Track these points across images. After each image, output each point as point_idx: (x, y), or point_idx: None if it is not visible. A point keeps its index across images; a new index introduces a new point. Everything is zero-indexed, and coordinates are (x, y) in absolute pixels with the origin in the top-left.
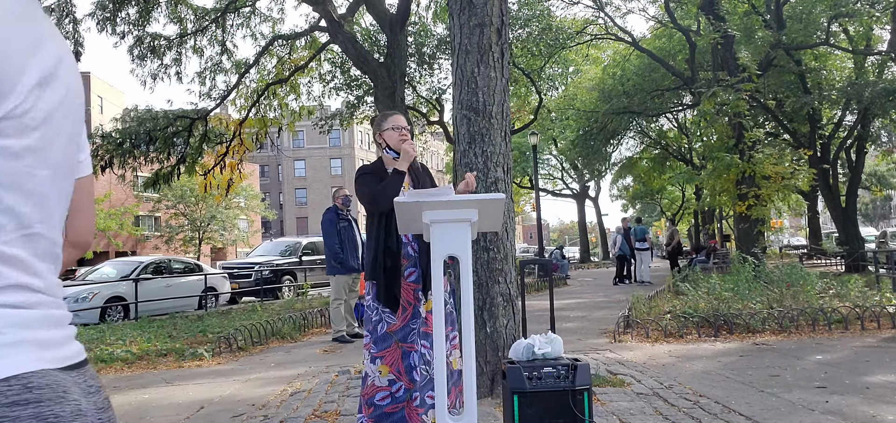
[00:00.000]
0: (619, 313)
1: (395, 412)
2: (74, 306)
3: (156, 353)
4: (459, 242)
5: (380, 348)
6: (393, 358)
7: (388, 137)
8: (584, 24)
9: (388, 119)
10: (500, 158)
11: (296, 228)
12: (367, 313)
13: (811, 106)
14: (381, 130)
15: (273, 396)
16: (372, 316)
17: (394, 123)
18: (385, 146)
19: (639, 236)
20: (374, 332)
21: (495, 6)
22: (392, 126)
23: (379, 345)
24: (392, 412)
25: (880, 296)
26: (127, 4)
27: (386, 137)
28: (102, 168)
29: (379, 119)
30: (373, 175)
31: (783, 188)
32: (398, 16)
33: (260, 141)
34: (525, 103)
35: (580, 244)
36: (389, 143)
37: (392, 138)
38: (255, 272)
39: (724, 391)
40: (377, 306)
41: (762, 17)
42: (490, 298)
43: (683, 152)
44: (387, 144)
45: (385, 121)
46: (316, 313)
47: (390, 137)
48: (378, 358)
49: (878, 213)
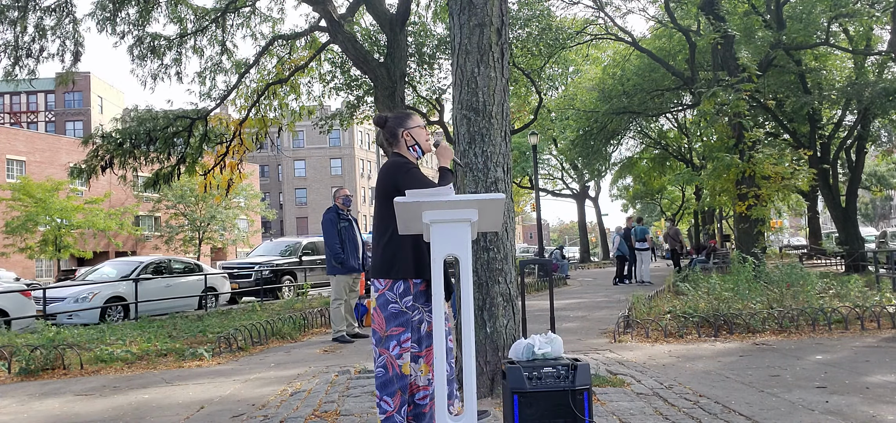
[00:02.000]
0: (619, 313)
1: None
2: (74, 306)
3: (156, 353)
4: (459, 242)
5: (423, 348)
6: (429, 357)
7: (417, 134)
8: (584, 24)
9: (413, 117)
10: (500, 158)
11: (296, 228)
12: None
13: (811, 106)
14: (406, 129)
15: (273, 396)
16: (413, 316)
17: (419, 122)
18: (412, 144)
19: (639, 235)
20: (417, 331)
21: (495, 6)
22: (419, 125)
23: (423, 344)
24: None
25: (880, 296)
26: (127, 4)
27: (415, 134)
28: (102, 168)
29: (401, 117)
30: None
31: (783, 188)
32: (398, 16)
33: (260, 141)
34: (525, 103)
35: (580, 244)
36: (418, 141)
37: (422, 137)
38: (255, 272)
39: (724, 391)
40: (419, 305)
41: (762, 17)
42: (490, 298)
43: (683, 152)
44: (415, 142)
45: (410, 119)
46: (316, 313)
47: (420, 135)
48: (421, 357)
49: (878, 213)
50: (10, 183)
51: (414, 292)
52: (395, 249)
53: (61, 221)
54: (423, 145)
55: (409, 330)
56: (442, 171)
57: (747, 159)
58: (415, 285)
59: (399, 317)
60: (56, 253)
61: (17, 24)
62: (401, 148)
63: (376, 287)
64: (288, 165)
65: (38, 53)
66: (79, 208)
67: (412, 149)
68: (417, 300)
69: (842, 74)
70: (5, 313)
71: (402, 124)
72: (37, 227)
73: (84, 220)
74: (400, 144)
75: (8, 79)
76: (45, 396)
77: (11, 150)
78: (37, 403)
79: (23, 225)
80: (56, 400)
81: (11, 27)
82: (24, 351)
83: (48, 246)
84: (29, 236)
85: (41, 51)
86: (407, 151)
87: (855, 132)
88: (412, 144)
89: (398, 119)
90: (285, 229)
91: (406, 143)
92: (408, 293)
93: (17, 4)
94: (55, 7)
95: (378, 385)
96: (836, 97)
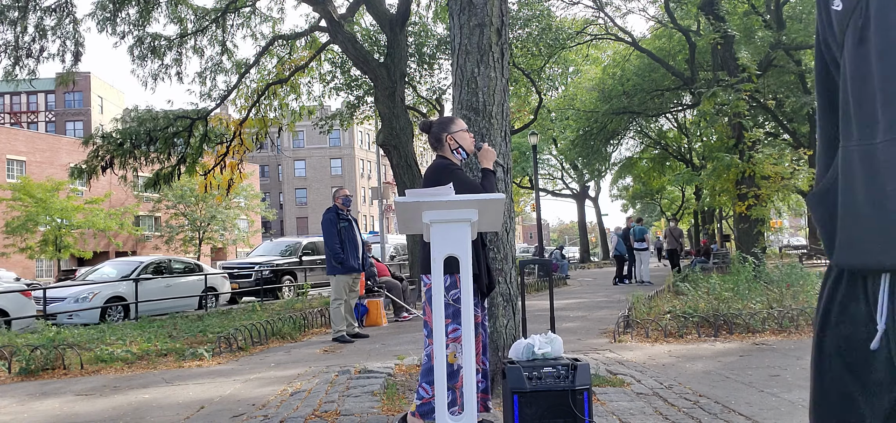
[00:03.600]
0: (619, 313)
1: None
2: (74, 306)
3: (156, 353)
4: (459, 242)
5: None
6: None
7: (461, 138)
8: (584, 24)
9: (456, 122)
10: (499, 158)
11: (296, 228)
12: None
13: (811, 106)
14: (450, 133)
15: (273, 396)
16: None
17: (463, 126)
18: (455, 147)
19: (638, 235)
20: None
21: (495, 6)
22: (463, 129)
23: None
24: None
25: None
26: (127, 4)
27: (459, 138)
28: (103, 168)
29: (445, 122)
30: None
31: (783, 188)
32: (398, 16)
33: (260, 141)
34: (525, 103)
35: (580, 244)
36: (462, 144)
37: (465, 140)
38: (255, 272)
39: (724, 391)
40: None
41: (762, 17)
42: (490, 298)
43: (683, 152)
44: (459, 145)
45: (453, 124)
46: (316, 313)
47: (464, 139)
48: None
49: None
50: (10, 183)
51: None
52: None
53: (61, 221)
54: (467, 148)
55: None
56: (484, 172)
57: (747, 159)
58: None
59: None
60: (56, 253)
61: (17, 24)
62: (445, 151)
63: (424, 282)
64: (288, 165)
65: (39, 53)
66: (79, 208)
67: (456, 151)
68: None
69: None
70: (5, 313)
71: (446, 129)
72: (37, 227)
73: (84, 220)
74: (444, 148)
75: (8, 79)
76: (45, 396)
77: (11, 150)
78: (37, 403)
79: (23, 225)
80: (56, 400)
81: (12, 27)
82: (24, 351)
83: (48, 246)
84: (29, 236)
85: (41, 51)
86: (451, 154)
87: None
88: (456, 147)
89: (442, 124)
90: (285, 229)
91: (450, 146)
92: (455, 287)
93: (18, 4)
94: (55, 7)
95: (423, 371)
96: None
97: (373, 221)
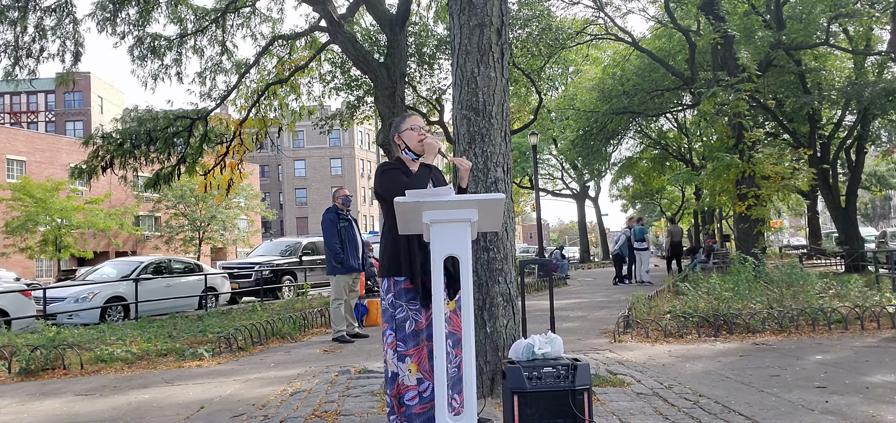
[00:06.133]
0: (619, 313)
1: (423, 412)
2: (74, 306)
3: (156, 353)
4: (459, 242)
5: (409, 346)
6: (420, 357)
7: (407, 137)
8: (584, 24)
9: (405, 121)
10: (500, 158)
11: (296, 228)
12: (388, 311)
13: (811, 106)
14: (398, 133)
15: (273, 396)
16: (396, 313)
17: (411, 124)
18: (404, 148)
19: (637, 236)
20: (400, 329)
21: (495, 6)
22: (410, 127)
23: (408, 343)
24: (421, 412)
25: (880, 296)
26: (127, 5)
27: (405, 138)
28: (103, 168)
29: (396, 122)
30: (398, 171)
31: (783, 188)
32: (398, 16)
33: (260, 141)
34: (525, 103)
35: (580, 244)
36: (408, 144)
37: (411, 139)
38: (255, 272)
39: (724, 391)
40: (402, 303)
41: (762, 17)
42: (490, 298)
43: (683, 152)
44: (406, 146)
45: (402, 122)
46: (316, 313)
47: (409, 137)
48: (407, 357)
49: (878, 213)
50: (10, 183)
51: (395, 291)
52: (384, 248)
53: (61, 221)
54: (413, 147)
55: (392, 328)
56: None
57: (747, 159)
58: (396, 284)
59: (384, 314)
60: (56, 253)
61: (17, 25)
62: (398, 153)
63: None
64: (288, 165)
65: (39, 54)
66: (79, 208)
67: (404, 151)
68: (399, 298)
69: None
70: (5, 313)
71: (396, 130)
72: (37, 227)
73: (84, 220)
74: (398, 149)
75: (8, 79)
76: (45, 396)
77: (11, 150)
78: (37, 403)
79: (23, 225)
80: (56, 400)
81: (11, 27)
82: (25, 351)
83: (48, 246)
84: (29, 236)
85: (41, 51)
86: (402, 154)
87: (855, 132)
88: (404, 147)
89: (394, 126)
90: (285, 229)
91: (399, 147)
92: (389, 291)
93: (18, 4)
94: (55, 7)
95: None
96: (835, 97)
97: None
